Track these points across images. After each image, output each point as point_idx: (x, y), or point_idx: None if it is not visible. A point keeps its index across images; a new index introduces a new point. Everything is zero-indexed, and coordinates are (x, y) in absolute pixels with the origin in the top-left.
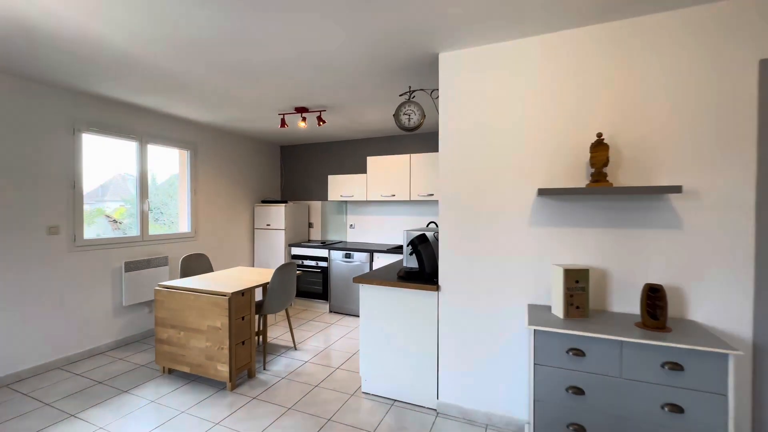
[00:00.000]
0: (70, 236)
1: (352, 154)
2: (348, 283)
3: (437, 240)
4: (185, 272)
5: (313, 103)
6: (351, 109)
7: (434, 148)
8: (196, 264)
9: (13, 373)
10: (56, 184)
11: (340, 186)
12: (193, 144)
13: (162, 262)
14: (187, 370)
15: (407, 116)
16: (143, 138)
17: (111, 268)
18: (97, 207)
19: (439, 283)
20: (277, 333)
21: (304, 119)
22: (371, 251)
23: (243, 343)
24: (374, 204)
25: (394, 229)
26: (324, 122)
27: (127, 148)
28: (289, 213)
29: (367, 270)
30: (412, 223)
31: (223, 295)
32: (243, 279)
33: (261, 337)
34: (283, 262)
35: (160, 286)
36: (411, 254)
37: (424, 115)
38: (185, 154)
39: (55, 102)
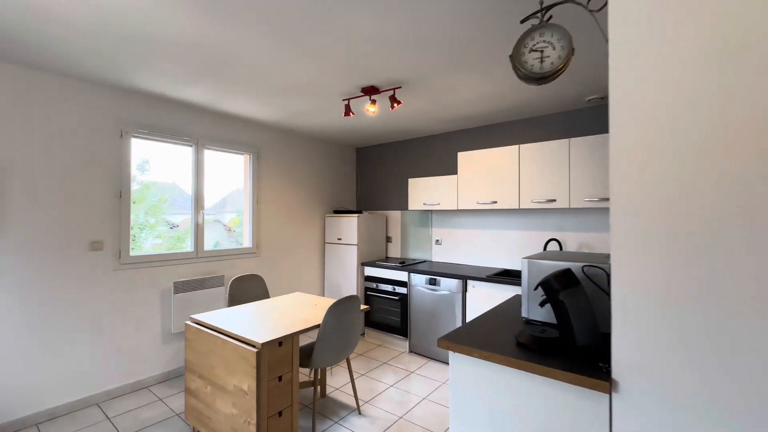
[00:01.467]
0: (114, 252)
1: (437, 150)
2: (433, 318)
3: (587, 277)
4: (234, 298)
5: (385, 78)
6: (436, 82)
7: (557, 132)
8: (249, 287)
9: (45, 410)
10: (100, 193)
11: (423, 191)
12: (255, 147)
13: (217, 282)
14: None
15: (537, 54)
16: (199, 141)
17: (160, 288)
18: (215, 218)
19: (614, 374)
20: (340, 380)
21: (373, 102)
22: (464, 277)
23: (280, 414)
24: (467, 214)
25: (495, 248)
26: (399, 103)
27: (231, 160)
28: (363, 225)
29: (458, 304)
30: (522, 240)
31: (252, 345)
32: (293, 315)
33: (314, 389)
34: (355, 284)
35: (191, 319)
36: (543, 304)
37: (572, 49)
38: (246, 159)
39: (105, 102)
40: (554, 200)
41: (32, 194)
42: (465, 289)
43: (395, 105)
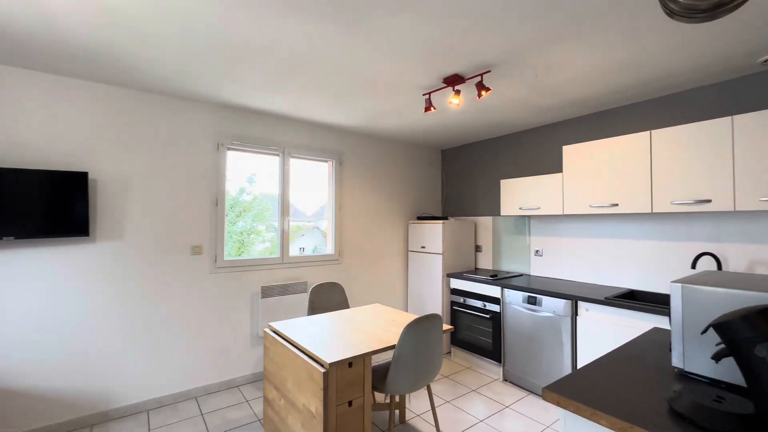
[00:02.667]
0: (212, 257)
1: (534, 146)
2: (533, 343)
3: None
4: (313, 306)
5: (470, 63)
6: (535, 59)
7: (708, 110)
8: (328, 296)
9: (153, 399)
10: (200, 202)
11: (519, 194)
12: (337, 153)
13: (301, 288)
14: None
15: None
16: (285, 150)
17: (250, 292)
18: (314, 224)
19: None
20: (422, 405)
21: (457, 92)
22: (574, 298)
23: None
24: (576, 220)
25: (614, 262)
26: (488, 90)
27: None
28: (449, 232)
29: (566, 331)
30: (656, 253)
31: (320, 364)
32: (368, 331)
33: (391, 416)
34: (440, 297)
35: (270, 327)
36: (720, 358)
37: None
38: (330, 166)
39: (203, 117)
40: (708, 201)
41: (145, 203)
42: (575, 312)
43: (483, 93)
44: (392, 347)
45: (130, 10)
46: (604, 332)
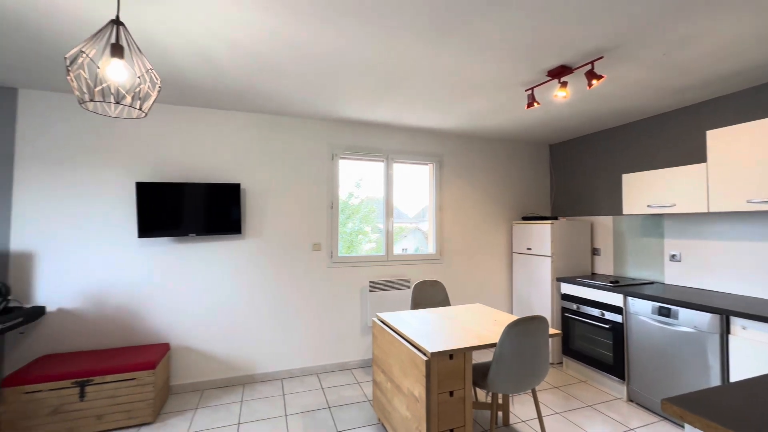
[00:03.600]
0: (328, 253)
1: (665, 134)
2: (667, 362)
3: None
4: (416, 302)
5: (578, 51)
6: (662, 35)
7: None
8: (430, 293)
9: (285, 370)
10: (318, 205)
11: (647, 190)
12: (437, 156)
13: (404, 284)
14: None
15: None
16: (389, 156)
17: (360, 286)
18: (416, 225)
19: None
20: (528, 412)
21: (563, 85)
22: (725, 312)
23: (451, 431)
24: (726, 219)
25: None
26: (600, 79)
27: (419, 171)
28: (559, 233)
29: (714, 351)
30: None
31: (422, 352)
32: (469, 329)
33: (493, 415)
34: (549, 302)
35: (377, 317)
36: None
37: None
38: (431, 168)
39: (320, 132)
40: None
41: (277, 207)
42: (726, 330)
43: (594, 82)
44: (493, 345)
45: (270, 55)
46: None
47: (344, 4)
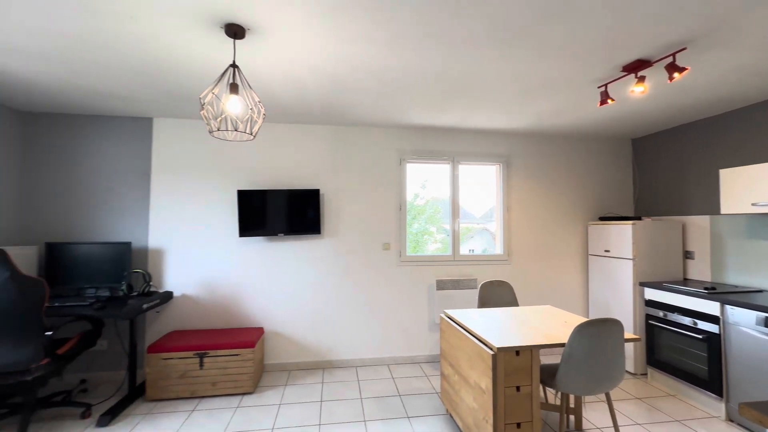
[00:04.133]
0: (397, 252)
1: None
2: None
3: None
4: (483, 301)
5: (657, 43)
6: (760, 16)
7: None
8: (497, 293)
9: (359, 359)
10: (388, 207)
11: (752, 186)
12: (504, 156)
13: (471, 284)
14: (460, 425)
15: None
16: (454, 158)
17: (427, 284)
18: (484, 226)
19: None
20: (602, 419)
21: (640, 80)
22: None
23: (519, 425)
24: None
25: None
26: (683, 71)
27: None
28: (643, 235)
29: None
30: None
31: (488, 347)
32: (536, 328)
33: (563, 417)
34: (630, 308)
35: (444, 314)
36: None
37: None
38: (497, 169)
39: (389, 139)
40: None
41: (351, 210)
42: None
43: (676, 75)
44: (561, 345)
45: (348, 76)
46: None
47: (416, 31)
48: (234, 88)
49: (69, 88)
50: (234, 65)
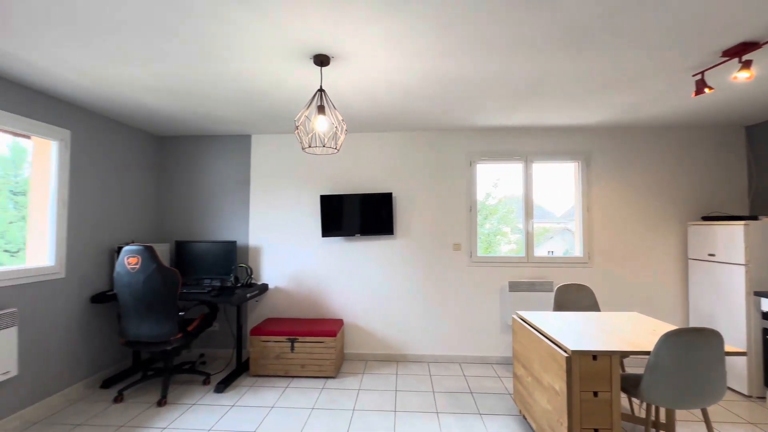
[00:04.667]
0: (468, 253)
1: None
2: None
3: None
4: (559, 305)
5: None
6: None
7: None
8: (575, 297)
9: (431, 354)
10: (458, 208)
11: None
12: (584, 153)
13: (547, 287)
14: (533, 426)
15: None
16: (527, 157)
17: (499, 285)
18: (565, 226)
19: None
20: None
21: (745, 65)
22: None
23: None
24: None
25: None
26: None
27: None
28: (760, 237)
29: None
30: None
31: (562, 349)
32: (618, 334)
33: (648, 429)
34: (742, 317)
35: (516, 315)
36: None
37: None
38: (576, 167)
39: (457, 142)
40: None
41: (422, 211)
42: None
43: None
44: (646, 353)
45: (419, 87)
46: None
47: (490, 41)
48: (321, 109)
49: (188, 115)
50: (321, 90)
